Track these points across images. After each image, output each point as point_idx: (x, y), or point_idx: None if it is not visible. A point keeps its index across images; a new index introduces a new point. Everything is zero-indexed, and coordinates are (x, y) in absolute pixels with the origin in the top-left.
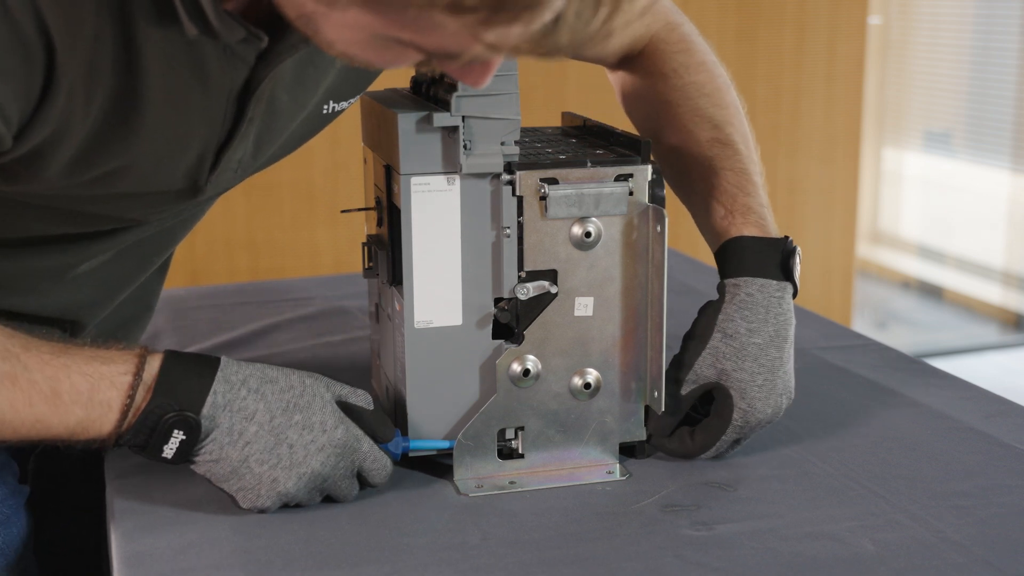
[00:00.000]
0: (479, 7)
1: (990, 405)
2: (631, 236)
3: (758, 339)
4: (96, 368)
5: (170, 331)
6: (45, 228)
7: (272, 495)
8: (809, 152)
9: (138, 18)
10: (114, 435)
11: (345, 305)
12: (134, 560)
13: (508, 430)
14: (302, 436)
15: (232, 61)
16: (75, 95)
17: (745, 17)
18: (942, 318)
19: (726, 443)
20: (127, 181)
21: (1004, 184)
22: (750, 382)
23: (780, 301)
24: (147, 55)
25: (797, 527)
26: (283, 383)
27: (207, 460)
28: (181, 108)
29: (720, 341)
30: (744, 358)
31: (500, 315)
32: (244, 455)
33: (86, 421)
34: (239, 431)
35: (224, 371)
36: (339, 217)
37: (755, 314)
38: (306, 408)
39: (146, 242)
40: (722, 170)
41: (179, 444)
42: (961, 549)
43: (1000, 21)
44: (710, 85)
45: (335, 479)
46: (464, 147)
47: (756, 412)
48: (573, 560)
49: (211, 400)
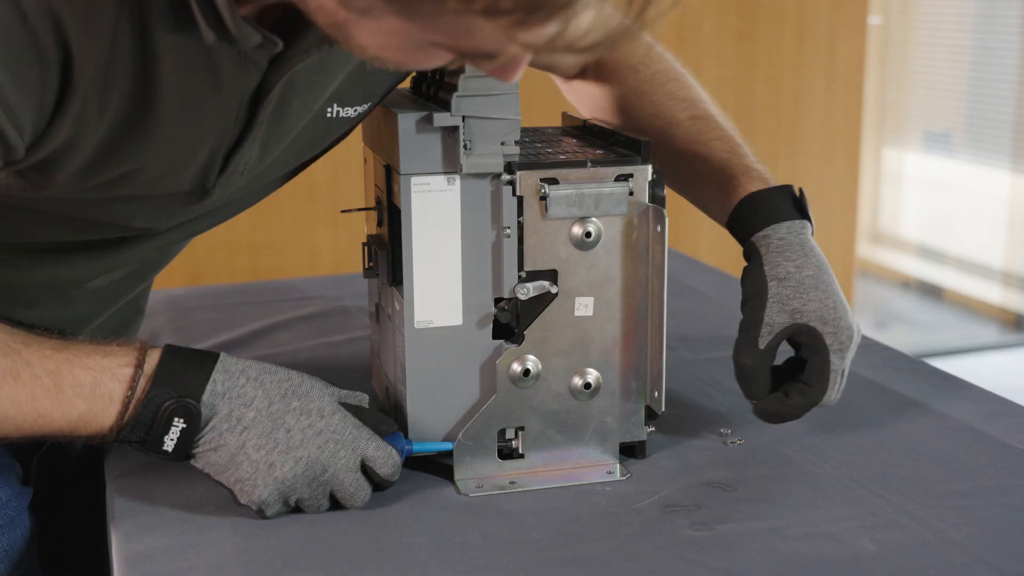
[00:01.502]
0: (514, 9)
1: (990, 405)
2: (631, 236)
3: (809, 271)
4: (98, 361)
5: (170, 331)
6: (49, 234)
7: (269, 482)
8: (809, 152)
9: (156, 24)
10: (116, 428)
11: (345, 305)
12: (134, 560)
13: (508, 430)
14: (299, 421)
15: (245, 66)
16: (89, 103)
17: (745, 17)
18: (942, 318)
19: (837, 374)
20: (137, 184)
21: (1004, 184)
22: (823, 308)
23: (808, 239)
24: (163, 61)
25: (797, 527)
26: (282, 374)
27: (206, 449)
28: (194, 112)
29: (778, 287)
30: (807, 291)
31: (500, 315)
32: (242, 441)
33: (88, 414)
34: (237, 417)
35: (224, 362)
36: (339, 217)
37: (795, 252)
38: (304, 396)
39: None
40: (710, 141)
41: (180, 434)
42: (961, 549)
43: (1000, 21)
44: (673, 71)
45: (337, 471)
46: (464, 147)
47: (843, 331)
48: (573, 560)
49: (210, 388)
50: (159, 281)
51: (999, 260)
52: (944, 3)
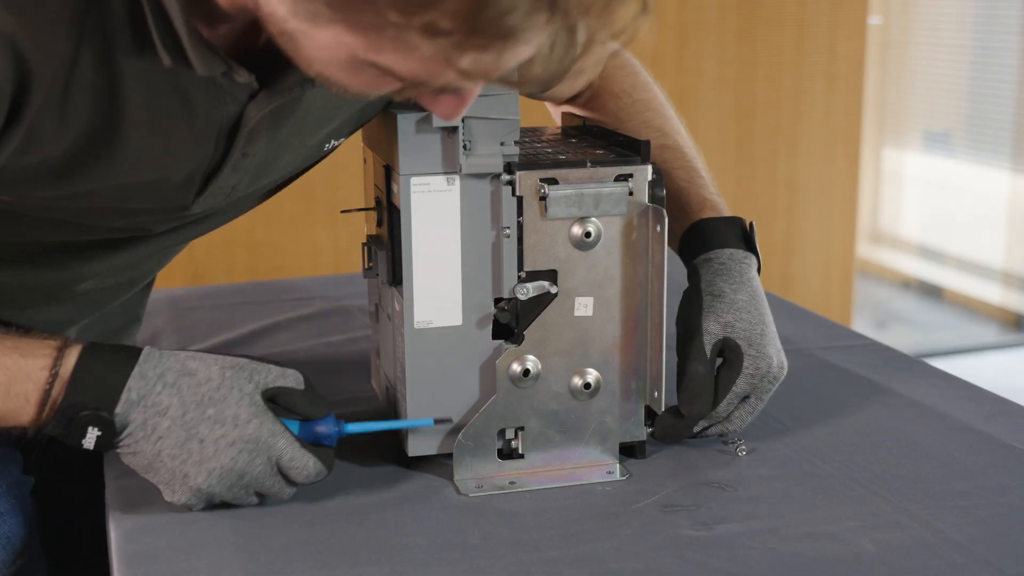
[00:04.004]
0: (454, 30)
1: (990, 405)
2: (631, 236)
3: (743, 296)
4: (15, 361)
5: (170, 331)
6: (41, 235)
7: (186, 490)
8: (809, 152)
9: (118, 47)
10: (34, 427)
11: (345, 305)
12: (134, 560)
13: (508, 430)
14: (213, 431)
15: (220, 96)
16: (46, 118)
17: (745, 17)
18: (942, 318)
19: (737, 396)
20: (111, 198)
21: (1004, 184)
22: (751, 330)
23: (748, 267)
24: (127, 82)
25: (797, 527)
26: (202, 375)
27: (126, 452)
28: (165, 137)
29: (712, 301)
30: (739, 311)
31: (500, 315)
32: (157, 449)
33: (4, 411)
34: (152, 426)
35: (142, 366)
36: (339, 217)
37: (732, 276)
38: (220, 401)
39: (138, 263)
40: (673, 169)
41: (96, 439)
42: (961, 549)
43: (1000, 21)
44: (654, 101)
45: (254, 477)
46: (464, 147)
47: (764, 359)
48: (573, 560)
49: (125, 397)
50: (159, 281)
51: (999, 260)
52: (944, 3)
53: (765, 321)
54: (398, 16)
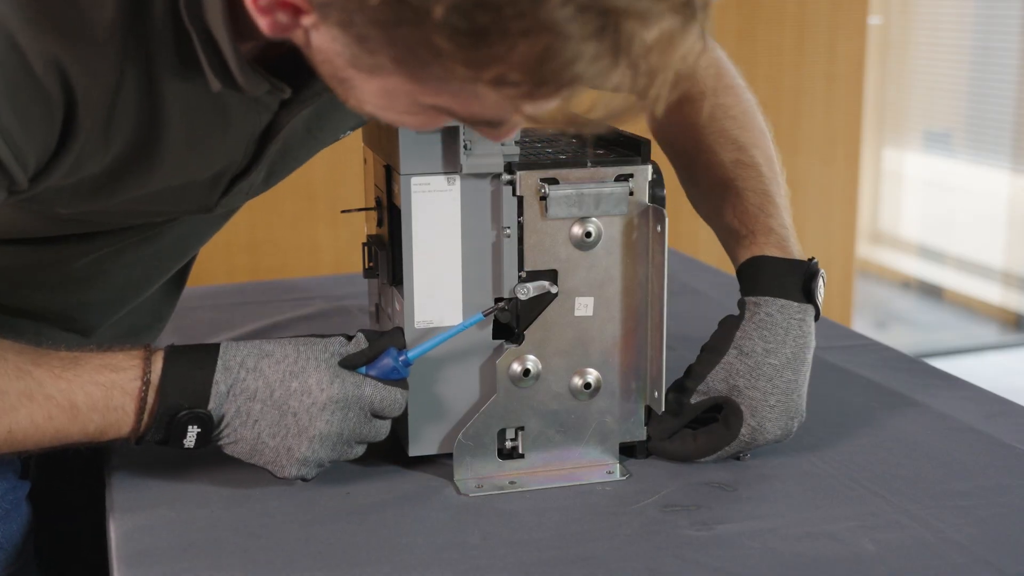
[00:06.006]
0: (522, 82)
1: (990, 405)
2: (631, 236)
3: (775, 360)
4: (107, 376)
5: (170, 331)
6: (48, 231)
7: (294, 464)
8: (809, 152)
9: (163, 71)
10: (134, 436)
11: (345, 305)
12: (134, 560)
13: (508, 430)
14: (302, 401)
15: (255, 107)
16: (92, 142)
17: (745, 17)
18: (942, 318)
19: (728, 453)
20: (137, 202)
21: (1004, 184)
22: (762, 402)
23: (801, 323)
24: (169, 105)
25: (797, 527)
26: (279, 354)
27: (227, 443)
28: (200, 150)
29: (735, 358)
30: (758, 377)
31: (500, 315)
32: (256, 433)
33: (104, 426)
34: (246, 412)
35: (223, 358)
36: (339, 217)
37: (774, 334)
38: (301, 373)
39: (162, 250)
40: (744, 191)
41: (196, 436)
42: (961, 549)
43: (1000, 21)
44: (736, 108)
45: (352, 429)
46: (464, 147)
47: (765, 432)
48: (573, 560)
49: (215, 391)
50: None
51: (999, 260)
52: (944, 3)
53: (788, 388)
54: (466, 71)
